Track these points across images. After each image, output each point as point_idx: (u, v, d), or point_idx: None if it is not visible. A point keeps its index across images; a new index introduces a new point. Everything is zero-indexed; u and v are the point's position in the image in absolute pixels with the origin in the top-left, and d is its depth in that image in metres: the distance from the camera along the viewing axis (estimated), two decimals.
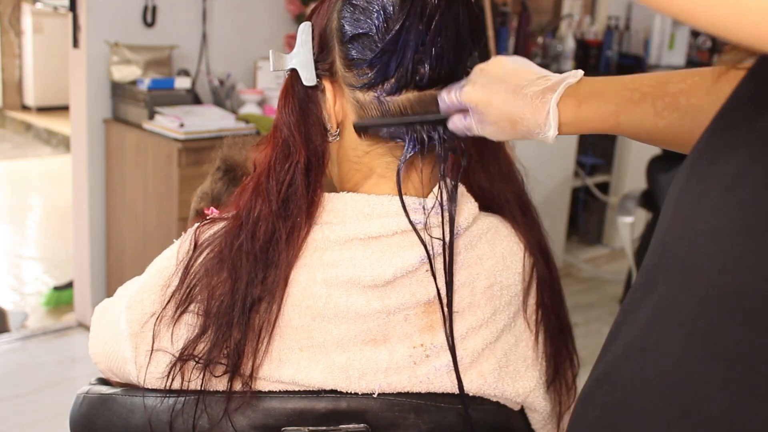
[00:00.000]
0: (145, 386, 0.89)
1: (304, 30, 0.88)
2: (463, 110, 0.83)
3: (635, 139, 0.78)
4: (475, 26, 0.86)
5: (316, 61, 0.87)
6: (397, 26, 0.81)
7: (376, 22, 0.82)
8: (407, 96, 0.84)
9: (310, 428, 0.84)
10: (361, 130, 0.86)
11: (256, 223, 0.84)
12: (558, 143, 4.04)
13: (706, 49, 4.98)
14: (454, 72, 0.85)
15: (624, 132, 0.77)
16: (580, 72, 0.79)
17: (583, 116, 0.77)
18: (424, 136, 0.85)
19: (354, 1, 0.83)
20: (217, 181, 1.33)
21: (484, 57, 0.88)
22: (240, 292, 0.83)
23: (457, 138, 0.86)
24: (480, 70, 0.83)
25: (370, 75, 0.83)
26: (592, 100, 0.77)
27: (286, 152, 0.87)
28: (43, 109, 7.19)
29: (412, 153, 0.85)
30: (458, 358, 0.86)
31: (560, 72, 0.81)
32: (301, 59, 0.88)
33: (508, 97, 0.79)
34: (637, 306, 0.59)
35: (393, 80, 0.83)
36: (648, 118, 0.75)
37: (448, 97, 0.83)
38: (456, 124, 0.84)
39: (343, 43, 0.84)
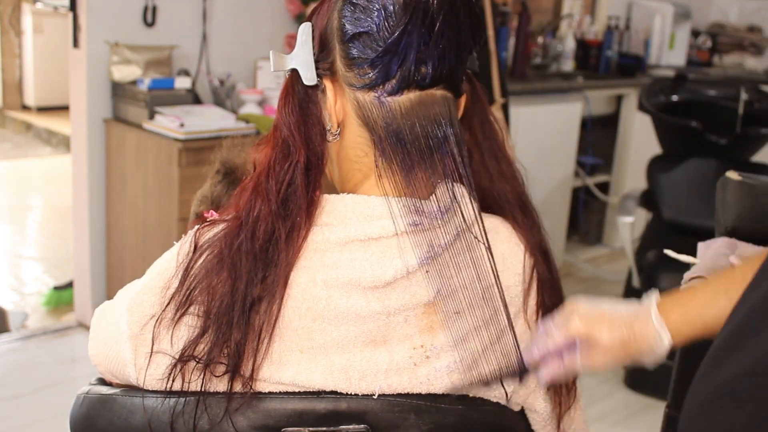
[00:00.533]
0: (145, 388, 0.88)
1: (305, 30, 0.88)
2: (561, 351, 0.86)
3: None
4: (475, 25, 0.86)
5: (316, 61, 0.87)
6: (400, 27, 0.81)
7: (377, 20, 0.82)
8: (408, 96, 0.84)
9: (310, 429, 0.84)
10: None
11: (255, 222, 0.84)
12: (558, 143, 4.05)
13: (706, 49, 4.98)
14: (455, 71, 0.86)
15: (712, 328, 0.83)
16: (656, 291, 0.86)
17: (674, 326, 0.84)
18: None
19: (355, 1, 0.83)
20: (216, 184, 1.33)
21: (483, 56, 0.88)
22: (240, 291, 0.83)
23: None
24: (572, 307, 0.87)
25: (371, 75, 0.83)
26: (677, 309, 0.85)
27: (285, 152, 0.87)
28: (43, 109, 7.19)
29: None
30: (458, 360, 0.86)
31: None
32: (302, 59, 0.88)
33: (614, 323, 0.84)
34: None
35: (394, 80, 0.83)
36: (727, 309, 0.80)
37: (551, 341, 0.86)
38: (554, 371, 0.86)
39: (344, 42, 0.84)
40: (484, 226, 0.86)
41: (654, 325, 0.83)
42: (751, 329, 0.67)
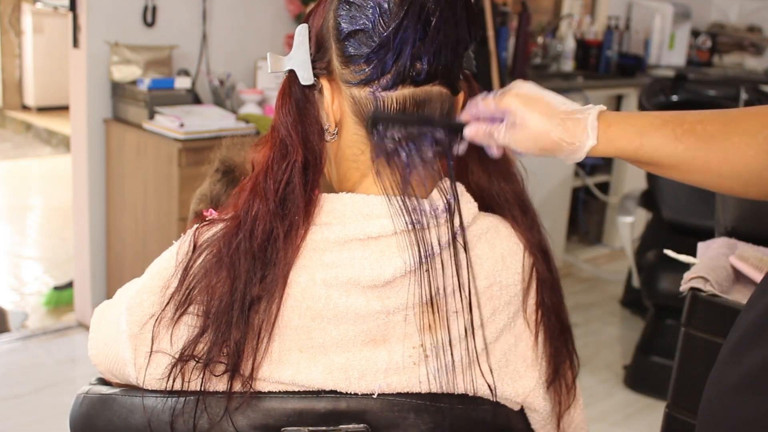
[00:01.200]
0: (145, 388, 0.89)
1: (301, 32, 0.89)
2: (490, 119, 0.86)
3: (655, 168, 0.84)
4: (472, 20, 0.87)
5: (313, 61, 0.88)
6: (395, 22, 0.81)
7: (372, 17, 0.82)
8: (402, 92, 0.85)
9: (310, 428, 0.84)
10: (374, 124, 0.86)
11: (254, 222, 0.85)
12: None
13: (706, 49, 4.98)
14: (451, 68, 0.86)
15: (646, 154, 0.83)
16: (603, 106, 0.85)
17: (612, 135, 0.83)
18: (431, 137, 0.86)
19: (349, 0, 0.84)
20: (215, 183, 1.33)
21: (483, 56, 0.89)
22: (239, 291, 0.83)
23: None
24: (517, 84, 0.87)
25: (366, 70, 0.84)
26: (619, 122, 0.83)
27: (283, 152, 0.87)
28: (43, 109, 7.19)
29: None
30: (458, 359, 0.86)
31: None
32: (298, 60, 0.88)
33: (549, 109, 0.84)
34: None
35: (389, 75, 0.84)
36: (668, 142, 0.81)
37: (483, 102, 0.86)
38: (478, 129, 0.86)
39: (340, 40, 0.85)
40: (463, 227, 0.87)
41: (586, 126, 0.82)
42: None
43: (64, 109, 5.77)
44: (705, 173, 0.81)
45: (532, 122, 0.84)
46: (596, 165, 4.41)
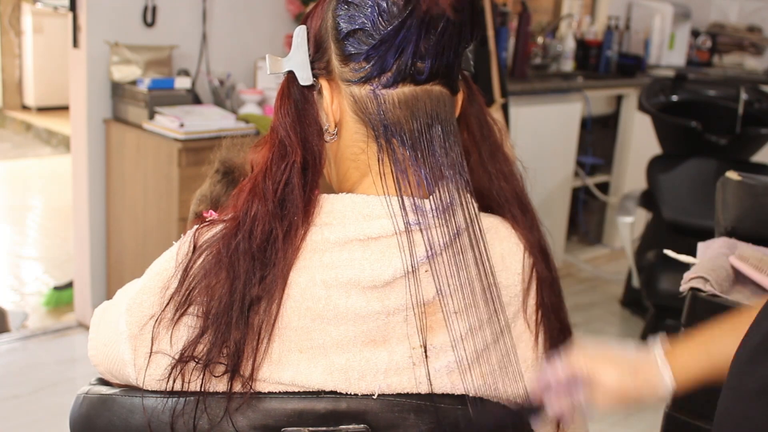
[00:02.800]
0: (145, 388, 0.89)
1: (299, 33, 0.89)
2: (565, 386, 0.86)
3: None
4: (476, 21, 0.87)
5: (312, 62, 0.88)
6: (398, 20, 0.81)
7: (371, 16, 0.82)
8: (402, 90, 0.84)
9: (310, 429, 0.84)
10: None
11: (252, 222, 0.85)
12: (558, 143, 4.04)
13: (706, 49, 4.98)
14: (452, 67, 0.86)
15: (722, 365, 0.82)
16: (662, 333, 0.87)
17: (680, 368, 0.85)
18: None
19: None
20: (215, 184, 1.33)
21: (483, 56, 0.89)
22: (238, 291, 0.83)
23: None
24: (579, 346, 0.88)
25: (366, 67, 0.84)
26: (682, 351, 0.85)
27: (282, 152, 0.87)
28: (43, 109, 7.19)
29: None
30: (458, 359, 0.86)
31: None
32: (297, 60, 0.88)
33: (617, 365, 0.85)
34: None
35: (390, 73, 0.84)
36: (735, 343, 0.80)
37: (552, 372, 0.86)
38: (560, 407, 0.87)
39: (339, 40, 0.85)
40: (482, 227, 0.86)
41: (659, 370, 0.84)
42: None
43: (64, 109, 5.76)
44: None
45: (608, 383, 0.85)
46: (596, 165, 4.41)
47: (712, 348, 0.84)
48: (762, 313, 0.74)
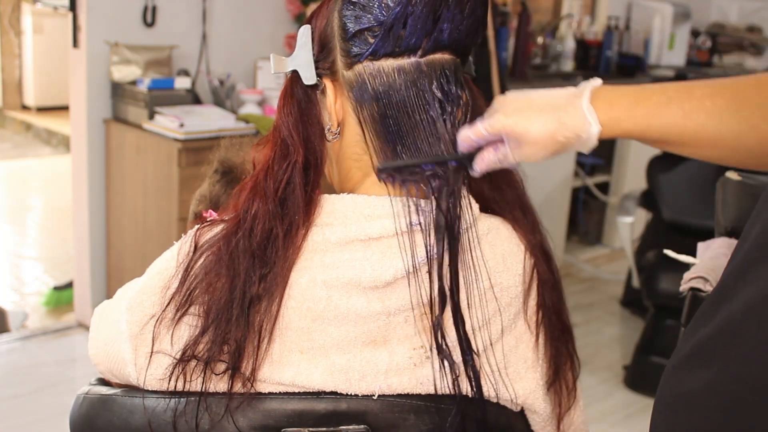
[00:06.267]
0: (145, 388, 0.88)
1: (304, 33, 0.89)
2: (491, 143, 0.84)
3: (663, 145, 0.80)
4: (483, 23, 0.87)
5: (316, 61, 0.88)
6: (401, 21, 0.82)
7: (380, 16, 0.82)
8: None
9: (310, 429, 0.84)
10: (383, 172, 0.85)
11: (253, 221, 0.85)
12: None
13: (706, 49, 4.98)
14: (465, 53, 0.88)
15: (654, 135, 0.79)
16: (599, 79, 0.81)
17: (616, 116, 0.79)
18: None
19: (354, 0, 0.84)
20: (215, 184, 1.33)
21: (483, 56, 0.89)
22: (238, 289, 0.83)
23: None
24: (500, 101, 0.84)
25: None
26: (621, 101, 0.79)
27: (284, 152, 0.87)
28: (43, 109, 7.19)
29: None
30: (458, 360, 0.86)
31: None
32: (302, 60, 0.88)
33: (542, 113, 0.80)
34: (752, 271, 0.65)
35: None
36: (677, 121, 0.77)
37: (474, 133, 0.84)
38: (488, 158, 0.84)
39: (345, 40, 0.85)
40: (476, 230, 0.86)
41: (584, 113, 0.79)
42: (724, 294, 0.68)
43: (64, 109, 5.76)
44: (716, 149, 0.77)
45: (533, 132, 0.81)
46: (596, 165, 4.41)
47: (654, 113, 0.77)
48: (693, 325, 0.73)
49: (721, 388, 0.63)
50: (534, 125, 0.81)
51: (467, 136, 0.84)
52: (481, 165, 0.85)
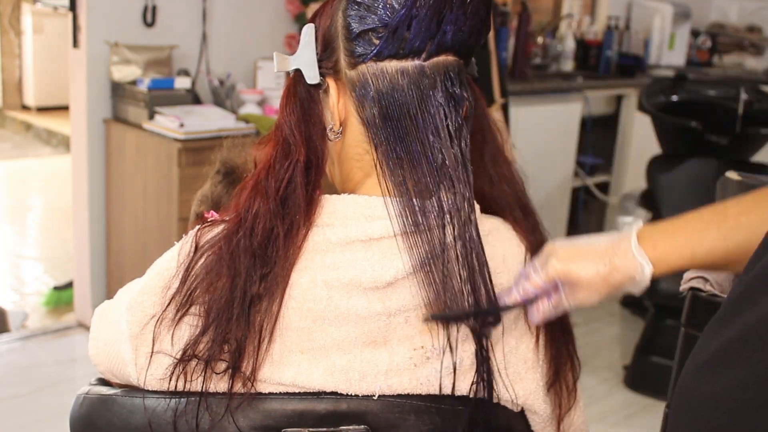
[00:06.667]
0: (146, 388, 0.88)
1: (308, 32, 0.89)
2: (544, 293, 0.87)
3: (714, 269, 0.86)
4: (486, 25, 0.87)
5: (319, 60, 0.88)
6: (405, 23, 0.82)
7: (384, 18, 0.82)
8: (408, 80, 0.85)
9: (311, 429, 0.84)
10: (431, 321, 0.86)
11: (254, 220, 0.85)
12: (558, 143, 4.04)
13: (706, 49, 4.98)
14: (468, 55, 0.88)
15: (700, 262, 0.84)
16: (640, 221, 0.86)
17: (661, 255, 0.84)
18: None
19: (359, 0, 0.84)
20: (216, 185, 1.33)
21: (483, 56, 0.90)
22: (239, 288, 0.83)
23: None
24: (549, 251, 0.87)
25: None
26: (664, 239, 0.84)
27: (286, 151, 0.87)
28: (43, 109, 7.18)
29: None
30: (458, 361, 0.86)
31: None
32: (305, 59, 0.88)
33: (593, 258, 0.85)
34: None
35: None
36: (717, 244, 0.82)
37: (532, 284, 0.86)
38: (544, 308, 0.87)
39: (349, 40, 0.85)
40: (478, 231, 0.86)
41: (634, 255, 0.83)
42: (750, 297, 0.68)
43: (64, 109, 5.76)
44: None
45: (585, 278, 0.85)
46: (596, 165, 4.42)
47: (696, 241, 0.82)
48: (731, 290, 0.74)
49: (750, 390, 0.63)
50: (587, 270, 0.85)
51: (525, 288, 0.87)
52: (538, 316, 0.88)
